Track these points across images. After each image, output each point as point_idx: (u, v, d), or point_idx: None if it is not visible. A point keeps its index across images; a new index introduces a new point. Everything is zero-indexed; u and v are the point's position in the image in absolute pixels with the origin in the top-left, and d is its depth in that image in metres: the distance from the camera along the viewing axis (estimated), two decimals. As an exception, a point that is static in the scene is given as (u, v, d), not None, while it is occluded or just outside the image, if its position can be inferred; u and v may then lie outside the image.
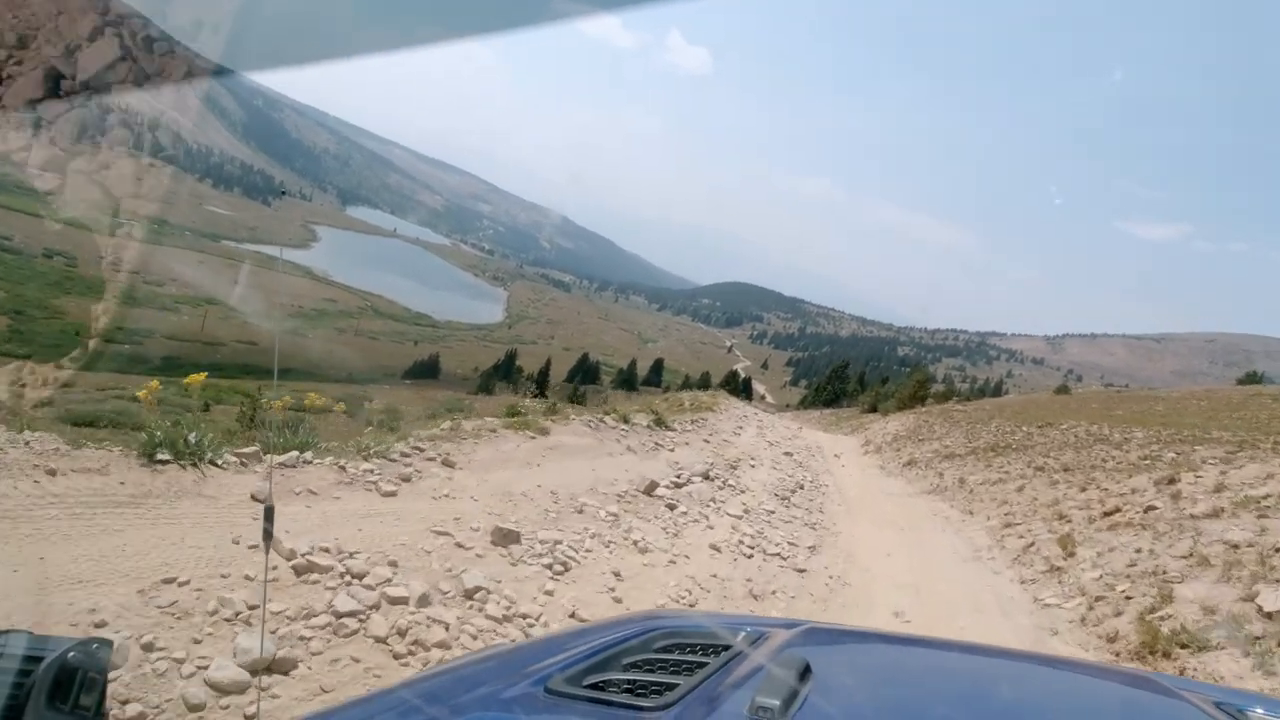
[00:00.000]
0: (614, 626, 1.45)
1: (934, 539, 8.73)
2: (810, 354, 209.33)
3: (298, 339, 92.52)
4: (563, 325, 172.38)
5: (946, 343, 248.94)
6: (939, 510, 10.98)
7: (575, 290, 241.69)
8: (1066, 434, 15.21)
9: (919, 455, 16.72)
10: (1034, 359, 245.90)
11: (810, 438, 21.04)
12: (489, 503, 5.24)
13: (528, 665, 1.19)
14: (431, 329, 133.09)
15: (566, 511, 5.71)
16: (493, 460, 6.12)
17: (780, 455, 13.74)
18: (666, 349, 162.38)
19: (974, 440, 16.98)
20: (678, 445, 10.27)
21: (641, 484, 6.92)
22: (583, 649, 1.27)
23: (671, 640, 1.35)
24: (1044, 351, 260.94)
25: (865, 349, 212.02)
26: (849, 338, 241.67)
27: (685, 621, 1.51)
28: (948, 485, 12.79)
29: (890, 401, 33.78)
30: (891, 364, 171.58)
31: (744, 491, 8.82)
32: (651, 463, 8.44)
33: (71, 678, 0.88)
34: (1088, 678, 1.55)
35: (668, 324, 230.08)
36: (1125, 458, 11.78)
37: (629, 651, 1.27)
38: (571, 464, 6.82)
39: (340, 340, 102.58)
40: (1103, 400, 24.40)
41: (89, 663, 0.91)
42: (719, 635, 1.37)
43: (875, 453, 19.31)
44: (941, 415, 22.94)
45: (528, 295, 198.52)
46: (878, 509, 10.67)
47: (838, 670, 1.30)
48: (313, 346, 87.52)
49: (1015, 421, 18.22)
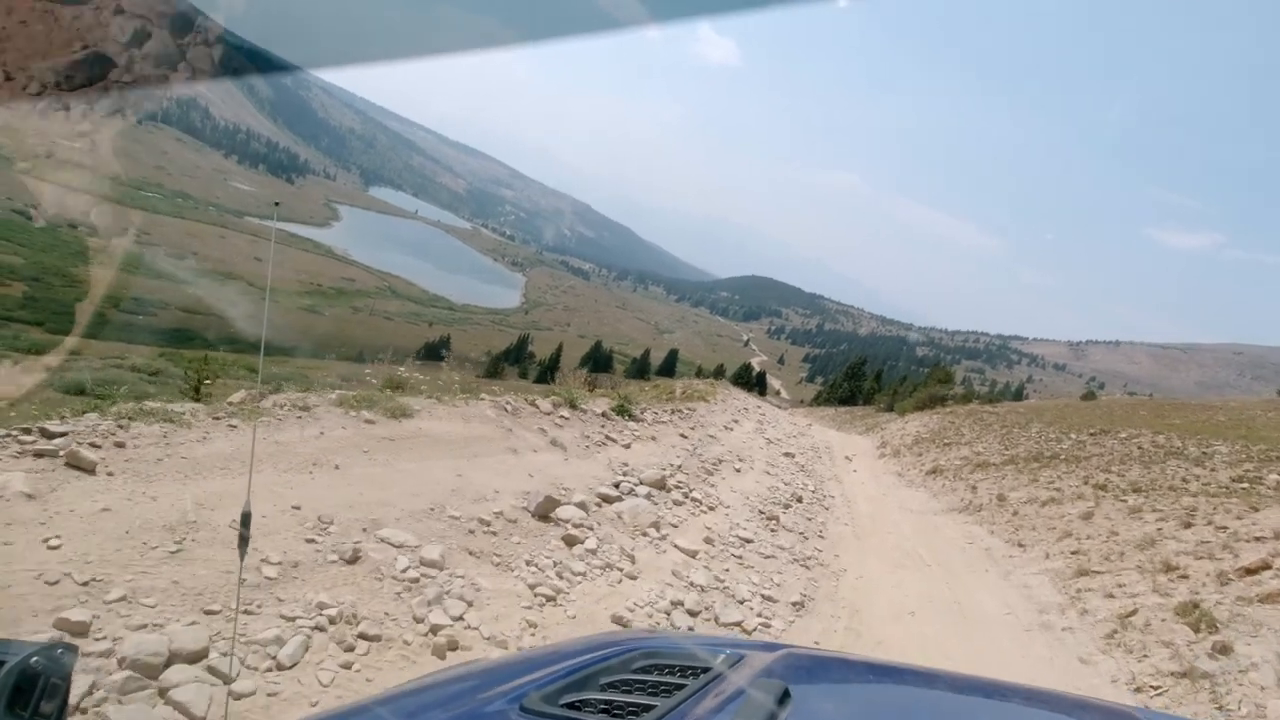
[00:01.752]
0: (592, 646, 1.46)
1: (975, 586, 6.29)
2: (828, 351, 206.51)
3: (313, 316, 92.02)
4: (579, 313, 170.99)
5: (967, 344, 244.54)
6: (975, 537, 8.53)
7: (594, 278, 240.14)
8: (1127, 444, 12.61)
9: (945, 462, 14.21)
10: (1055, 364, 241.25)
11: (819, 436, 18.70)
12: (101, 546, 2.72)
13: (504, 683, 1.18)
14: (448, 311, 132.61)
15: (314, 563, 3.19)
16: (231, 455, 3.65)
17: (778, 456, 11.41)
18: (683, 340, 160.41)
19: (1011, 447, 14.49)
20: (638, 440, 7.94)
21: (536, 500, 4.57)
22: (560, 668, 1.26)
23: (650, 661, 1.34)
24: (1066, 357, 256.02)
25: (884, 348, 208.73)
26: (868, 336, 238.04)
27: (664, 642, 1.53)
28: (983, 503, 10.34)
29: (908, 401, 31.43)
30: (910, 364, 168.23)
31: (713, 509, 6.45)
32: (583, 465, 6.11)
33: (33, 683, 0.85)
34: (1064, 711, 1.49)
35: (685, 315, 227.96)
36: (1214, 478, 9.31)
37: (607, 671, 1.26)
38: (423, 465, 4.50)
39: (355, 320, 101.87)
40: (1153, 408, 21.61)
41: (52, 668, 0.87)
42: (698, 657, 1.35)
43: (893, 457, 16.81)
44: (969, 417, 20.18)
45: (546, 281, 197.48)
46: (896, 534, 8.25)
47: (817, 697, 1.28)
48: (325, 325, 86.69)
49: (1059, 427, 15.59)
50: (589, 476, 5.78)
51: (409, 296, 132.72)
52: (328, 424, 4.32)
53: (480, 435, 5.48)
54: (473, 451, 5.10)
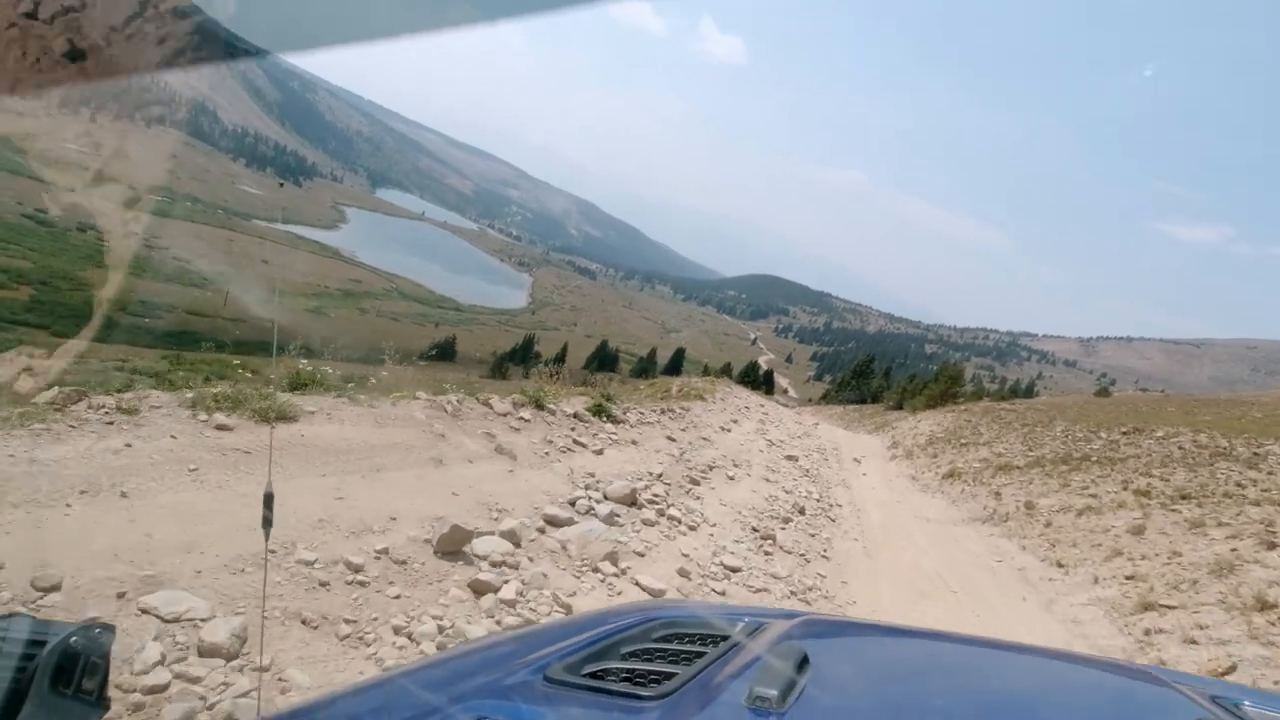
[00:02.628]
0: (613, 616, 1.47)
1: (1013, 620, 5.20)
2: (836, 349, 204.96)
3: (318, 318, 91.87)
4: (586, 312, 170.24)
5: (976, 342, 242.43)
6: (1005, 554, 7.43)
7: (601, 278, 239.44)
8: (1166, 444, 11.44)
9: (963, 465, 13.13)
10: (1066, 361, 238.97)
11: (826, 436, 17.55)
12: None
13: (527, 654, 1.20)
14: (455, 312, 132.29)
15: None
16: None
17: (780, 460, 10.35)
18: (690, 339, 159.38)
19: (1035, 447, 13.37)
20: (614, 445, 6.90)
21: (441, 531, 3.42)
22: (582, 638, 1.28)
23: (670, 630, 1.36)
24: (1077, 354, 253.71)
25: (892, 345, 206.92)
26: (876, 334, 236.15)
27: (684, 612, 1.54)
28: (1009, 511, 9.25)
29: (918, 399, 30.36)
30: (918, 361, 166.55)
31: (694, 529, 5.39)
32: (534, 477, 5.06)
33: (74, 662, 0.87)
34: (1084, 669, 1.54)
35: (692, 314, 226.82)
36: (1273, 482, 8.21)
37: (628, 641, 1.28)
38: (288, 485, 3.38)
39: (362, 321, 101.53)
40: (1180, 404, 20.36)
41: (91, 647, 0.90)
42: (717, 626, 1.37)
43: (905, 458, 15.63)
44: (986, 415, 18.92)
45: (552, 281, 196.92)
46: (913, 550, 7.16)
47: (836, 661, 1.29)
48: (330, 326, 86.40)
49: (1086, 425, 14.38)
50: (538, 492, 4.73)
51: (416, 297, 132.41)
52: (150, 432, 3.25)
53: (395, 442, 4.43)
54: (376, 464, 4.05)
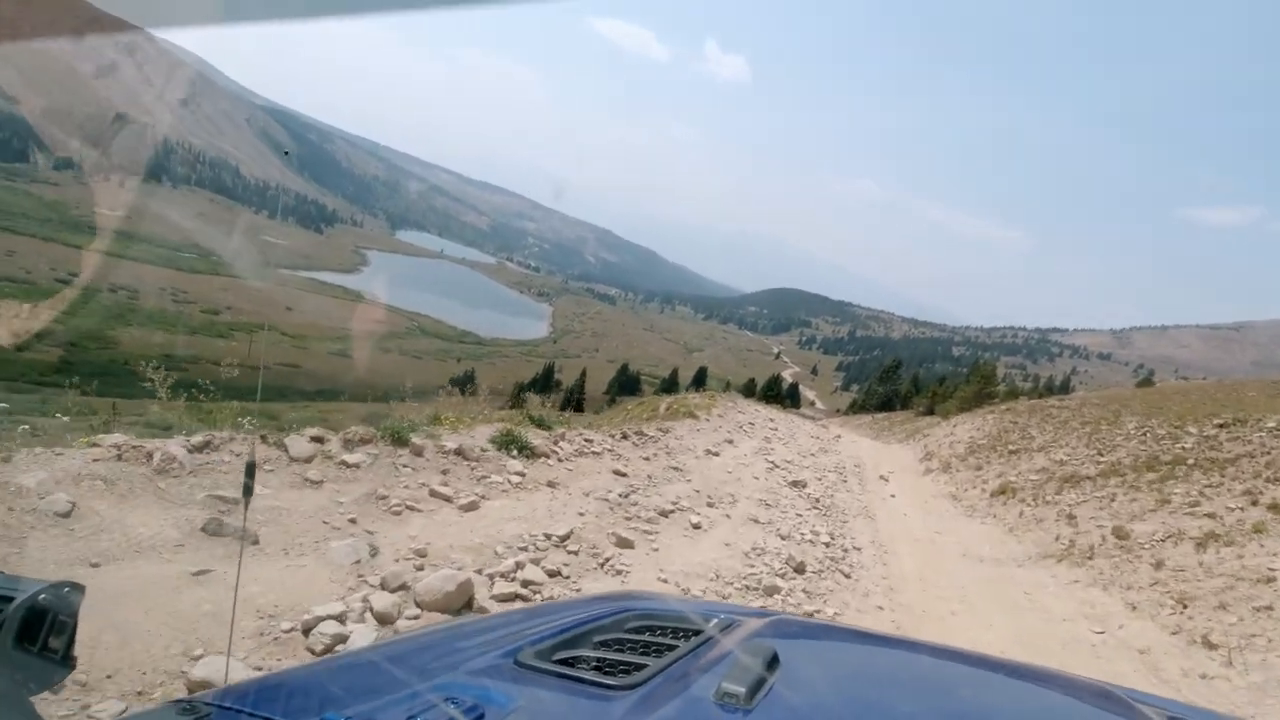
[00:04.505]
0: (588, 604, 1.48)
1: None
2: (861, 357, 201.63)
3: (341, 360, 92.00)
4: (607, 338, 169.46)
5: (1004, 340, 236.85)
6: (1106, 617, 5.12)
7: (620, 303, 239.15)
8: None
9: (1016, 477, 10.95)
10: (1100, 354, 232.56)
11: (848, 450, 15.61)
12: None
13: (500, 637, 1.20)
14: (477, 346, 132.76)
15: None
16: None
17: (781, 488, 8.67)
18: (713, 357, 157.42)
19: (1107, 451, 11.02)
20: (512, 492, 5.02)
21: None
22: (555, 624, 1.28)
23: (644, 622, 1.36)
24: (1110, 346, 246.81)
25: (918, 350, 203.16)
26: (901, 340, 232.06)
27: (659, 604, 1.55)
28: (1094, 543, 6.97)
29: (950, 402, 28.15)
30: (947, 364, 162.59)
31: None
32: (276, 572, 3.09)
33: (41, 619, 0.87)
34: (1049, 687, 1.52)
35: (713, 333, 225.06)
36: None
37: (601, 630, 1.28)
38: None
39: (384, 360, 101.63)
40: (1260, 388, 17.64)
41: (60, 605, 0.89)
42: (691, 620, 1.37)
43: (941, 471, 13.31)
44: (1033, 414, 16.47)
45: (572, 309, 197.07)
46: (968, 618, 4.93)
47: (806, 662, 1.30)
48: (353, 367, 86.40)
49: (1165, 419, 11.86)
50: (257, 606, 2.67)
51: (438, 334, 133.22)
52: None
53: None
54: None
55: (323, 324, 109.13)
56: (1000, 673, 1.53)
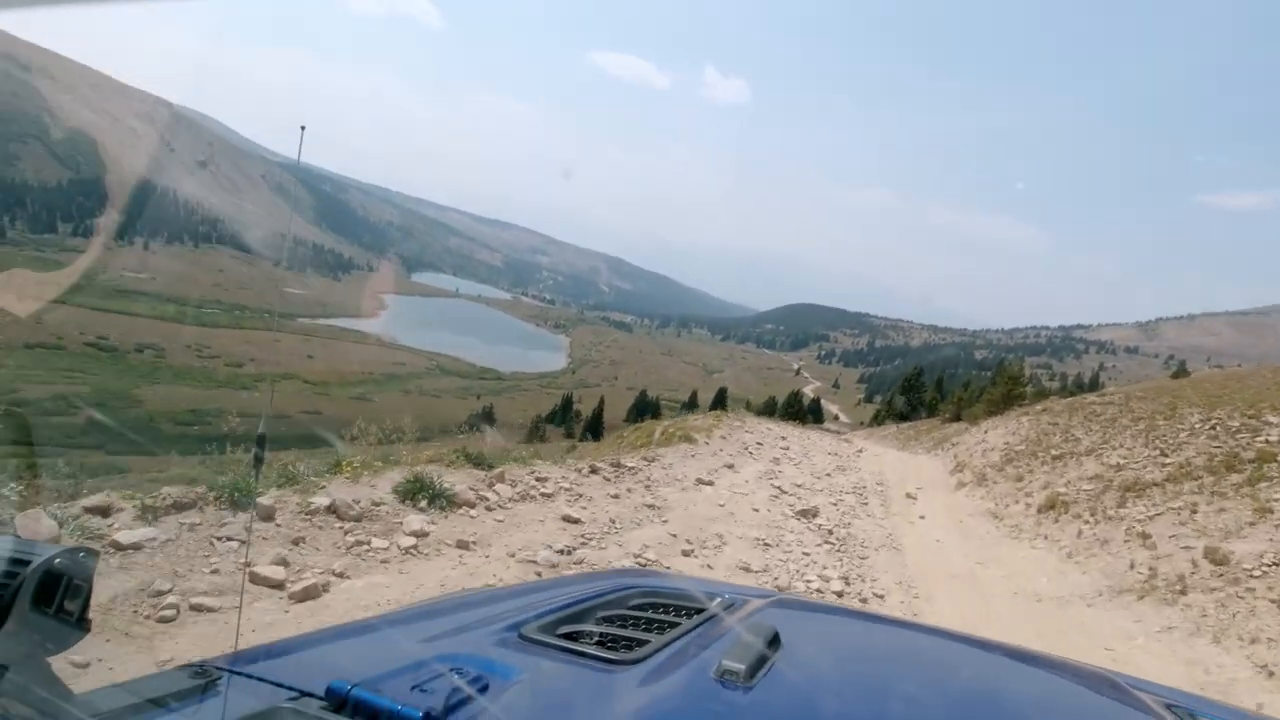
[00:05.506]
0: (592, 580, 1.52)
1: None
2: (882, 368, 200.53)
3: (363, 404, 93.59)
4: (625, 365, 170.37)
5: (1027, 341, 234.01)
6: (1232, 687, 4.31)
7: (636, 329, 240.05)
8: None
9: (1064, 487, 9.91)
10: (1127, 348, 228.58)
11: (871, 466, 14.61)
12: None
13: (505, 610, 1.22)
14: (497, 381, 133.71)
15: None
16: None
17: (785, 521, 7.63)
18: (733, 378, 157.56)
19: (1171, 451, 9.81)
20: (398, 562, 4.44)
21: None
22: (559, 599, 1.31)
23: (647, 599, 1.38)
24: (1137, 339, 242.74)
25: (940, 357, 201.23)
26: (921, 347, 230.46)
27: (662, 582, 1.58)
28: (1183, 572, 6.01)
29: (978, 406, 27.20)
30: (970, 368, 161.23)
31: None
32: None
33: (57, 582, 0.88)
34: (1048, 671, 1.55)
35: (732, 353, 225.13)
36: None
37: (605, 606, 1.31)
38: None
39: (405, 401, 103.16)
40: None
41: (75, 569, 0.91)
42: (694, 598, 1.39)
43: (976, 484, 12.35)
44: (1074, 413, 15.26)
45: (589, 339, 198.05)
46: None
47: (806, 641, 1.31)
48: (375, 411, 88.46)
49: (1234, 409, 10.52)
50: None
51: (457, 372, 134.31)
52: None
53: None
54: None
55: (344, 369, 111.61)
56: (1001, 655, 1.55)
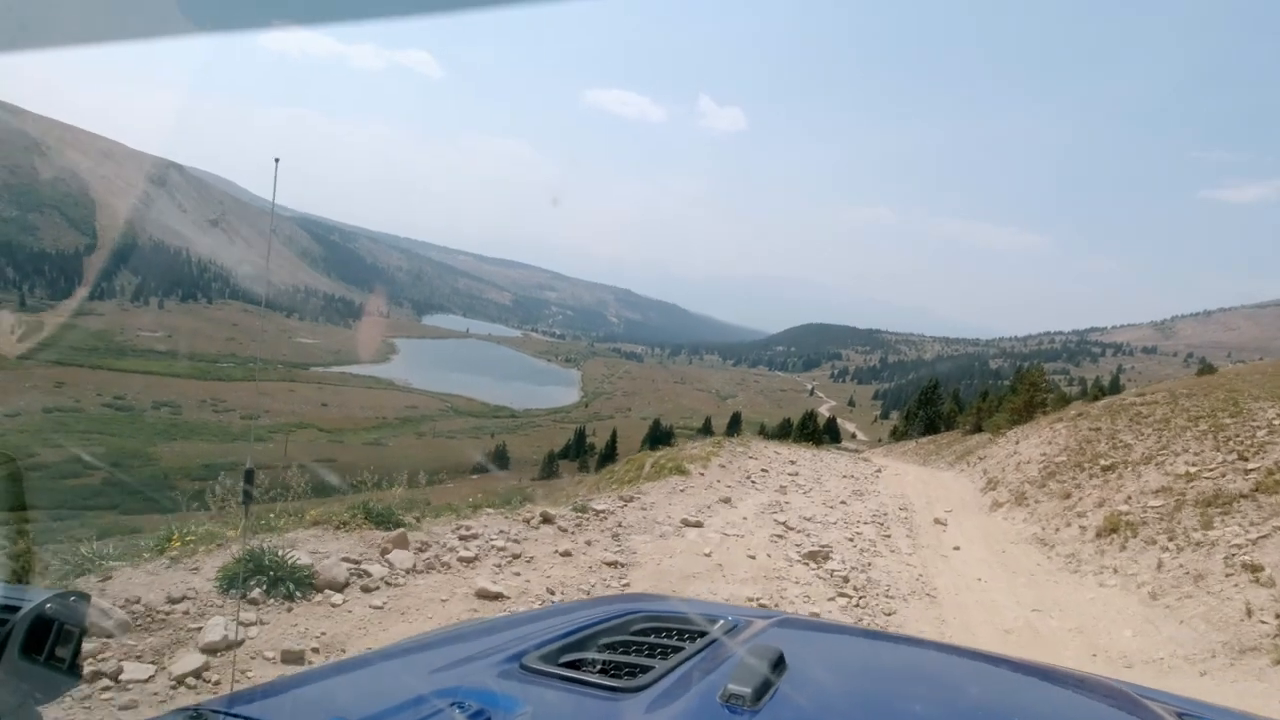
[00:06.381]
0: (593, 606, 1.49)
1: None
2: (897, 383, 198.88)
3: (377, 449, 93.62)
4: (638, 395, 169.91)
5: (1042, 348, 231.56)
6: None
7: (647, 359, 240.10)
8: None
9: (1125, 504, 8.55)
10: (1144, 349, 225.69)
11: (893, 487, 13.04)
12: None
13: (505, 640, 1.21)
14: (511, 419, 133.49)
15: None
16: None
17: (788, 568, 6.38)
18: (746, 402, 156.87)
19: (1252, 454, 8.57)
20: (133, 710, 2.71)
21: None
22: (560, 627, 1.28)
23: (649, 624, 1.37)
24: (1154, 339, 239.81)
25: (955, 368, 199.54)
26: (934, 359, 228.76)
27: (664, 606, 1.55)
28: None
29: (999, 415, 26.57)
30: (986, 378, 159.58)
31: None
32: None
33: (47, 629, 0.85)
34: (1058, 684, 1.50)
35: (744, 377, 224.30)
36: None
37: (606, 632, 1.29)
38: None
39: (419, 444, 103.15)
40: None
41: (66, 615, 0.87)
42: (696, 622, 1.38)
43: (1015, 504, 10.97)
44: (1116, 416, 13.72)
45: (601, 371, 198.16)
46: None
47: (811, 662, 1.29)
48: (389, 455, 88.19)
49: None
50: None
51: (470, 412, 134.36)
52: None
53: None
54: None
55: (357, 415, 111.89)
56: (1008, 670, 1.53)
